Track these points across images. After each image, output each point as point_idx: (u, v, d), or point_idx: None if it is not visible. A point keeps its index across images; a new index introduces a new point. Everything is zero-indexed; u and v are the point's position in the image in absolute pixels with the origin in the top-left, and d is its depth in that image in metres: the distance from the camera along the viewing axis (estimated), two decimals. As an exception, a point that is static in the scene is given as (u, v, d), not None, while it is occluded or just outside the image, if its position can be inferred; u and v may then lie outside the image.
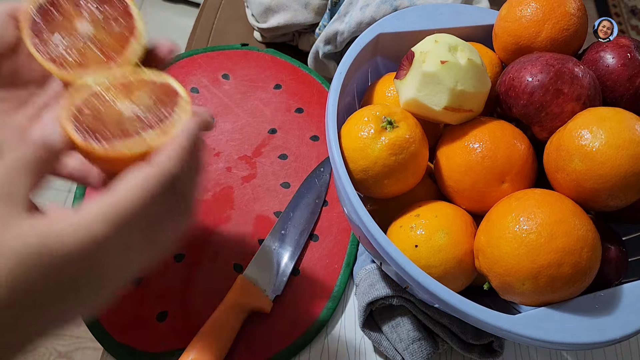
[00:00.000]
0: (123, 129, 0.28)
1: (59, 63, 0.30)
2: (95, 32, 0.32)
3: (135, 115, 0.29)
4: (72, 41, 0.31)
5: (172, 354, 0.41)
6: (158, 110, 0.29)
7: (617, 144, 0.32)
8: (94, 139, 0.27)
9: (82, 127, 0.27)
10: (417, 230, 0.36)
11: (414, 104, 0.38)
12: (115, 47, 0.32)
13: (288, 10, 0.57)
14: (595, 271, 0.33)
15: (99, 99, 0.29)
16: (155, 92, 0.30)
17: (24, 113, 0.29)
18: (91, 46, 0.32)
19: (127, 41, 0.32)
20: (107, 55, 0.32)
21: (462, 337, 0.41)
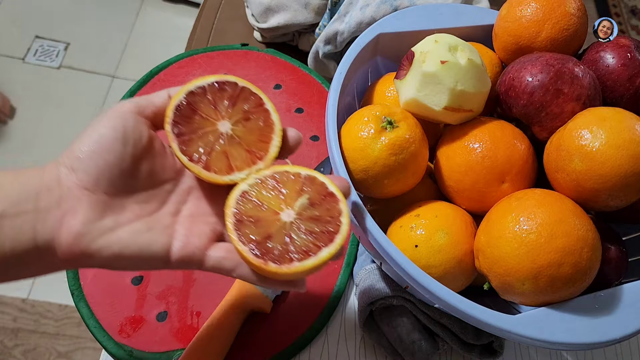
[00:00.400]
0: (291, 242, 0.27)
1: (207, 166, 0.29)
2: (235, 129, 0.31)
3: (298, 224, 0.28)
4: (215, 141, 0.30)
5: (172, 354, 0.41)
6: (320, 219, 0.28)
7: (617, 144, 0.32)
8: (268, 259, 0.26)
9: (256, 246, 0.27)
10: (417, 230, 0.36)
11: (414, 104, 0.38)
12: (257, 143, 0.31)
13: (288, 10, 0.57)
14: (595, 271, 0.33)
15: (257, 206, 0.28)
16: (309, 191, 0.29)
17: (165, 211, 0.29)
18: (234, 145, 0.31)
19: (268, 136, 0.31)
20: (252, 152, 0.31)
21: (462, 337, 0.41)
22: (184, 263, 0.28)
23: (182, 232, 0.28)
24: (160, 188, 0.30)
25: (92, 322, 0.41)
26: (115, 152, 0.27)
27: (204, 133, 0.30)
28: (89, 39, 1.44)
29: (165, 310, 0.43)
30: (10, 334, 1.03)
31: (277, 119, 0.32)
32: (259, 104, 0.32)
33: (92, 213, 0.26)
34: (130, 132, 0.28)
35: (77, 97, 1.35)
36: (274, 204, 0.29)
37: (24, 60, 1.37)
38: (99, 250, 0.26)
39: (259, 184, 0.29)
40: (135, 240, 0.27)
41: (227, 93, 0.31)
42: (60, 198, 0.26)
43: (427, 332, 0.42)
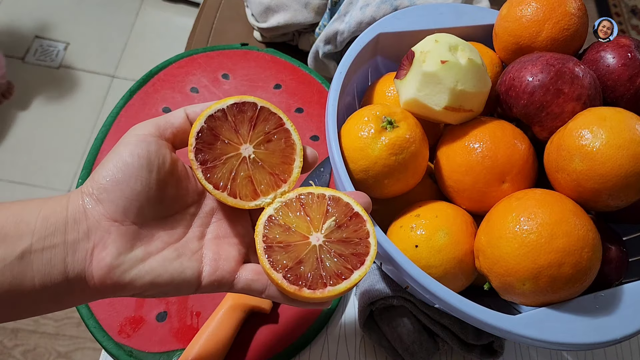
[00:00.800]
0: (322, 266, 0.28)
1: (232, 192, 0.29)
2: (258, 153, 0.31)
3: (328, 247, 0.28)
4: (238, 166, 0.30)
5: (172, 354, 0.41)
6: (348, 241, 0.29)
7: (618, 143, 0.32)
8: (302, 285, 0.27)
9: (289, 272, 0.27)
10: (418, 230, 0.36)
11: (414, 103, 0.38)
12: (280, 165, 0.31)
13: (288, 10, 0.57)
14: (595, 271, 0.32)
15: (285, 231, 0.29)
16: (335, 213, 0.30)
17: (192, 235, 0.29)
18: (258, 169, 0.31)
19: (290, 157, 0.31)
20: (275, 175, 0.31)
21: (462, 337, 0.41)
22: (215, 287, 0.28)
23: (210, 255, 0.28)
24: (185, 212, 0.29)
25: (92, 322, 0.41)
26: (142, 180, 0.26)
27: (228, 159, 0.30)
28: (89, 38, 1.44)
29: (165, 310, 0.43)
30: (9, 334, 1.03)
31: (298, 139, 0.32)
32: (279, 124, 0.32)
33: (122, 244, 0.26)
34: (154, 157, 0.27)
35: (77, 97, 1.35)
36: (302, 227, 0.29)
37: (23, 60, 1.37)
38: (132, 282, 0.25)
39: (284, 208, 0.30)
40: (167, 268, 0.26)
41: (247, 115, 0.31)
42: (89, 230, 0.25)
43: (427, 333, 0.42)
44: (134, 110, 0.54)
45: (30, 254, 0.24)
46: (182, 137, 0.29)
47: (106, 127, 0.52)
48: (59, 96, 1.34)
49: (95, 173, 0.27)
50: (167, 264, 0.26)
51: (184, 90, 0.56)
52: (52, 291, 0.24)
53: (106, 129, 0.51)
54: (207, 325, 0.41)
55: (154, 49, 1.45)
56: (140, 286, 0.26)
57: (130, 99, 0.55)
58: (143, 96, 0.55)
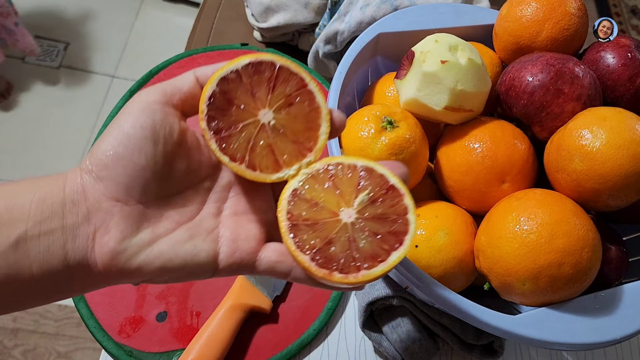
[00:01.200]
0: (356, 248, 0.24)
1: (251, 164, 0.26)
2: (279, 118, 0.27)
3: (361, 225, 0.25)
4: (257, 134, 0.27)
5: (172, 354, 0.41)
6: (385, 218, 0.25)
7: (618, 143, 0.32)
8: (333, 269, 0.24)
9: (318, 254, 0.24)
10: (418, 230, 0.36)
11: (414, 103, 0.38)
12: (304, 132, 0.27)
13: (288, 10, 0.57)
14: (595, 271, 0.32)
15: (312, 207, 0.25)
16: (368, 186, 0.26)
17: (207, 212, 0.26)
18: (279, 137, 0.27)
19: (315, 122, 0.27)
20: (299, 143, 0.27)
21: (462, 337, 0.41)
22: (234, 270, 0.25)
23: (228, 235, 0.25)
24: (198, 187, 0.26)
25: (92, 322, 0.41)
26: (146, 154, 0.23)
27: (245, 126, 0.26)
28: (89, 38, 1.44)
29: (165, 310, 0.43)
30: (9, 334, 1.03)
31: (323, 101, 0.28)
32: (302, 86, 0.27)
33: (127, 227, 0.23)
34: (160, 127, 0.24)
35: (77, 97, 1.35)
36: (331, 202, 0.25)
37: (23, 60, 1.37)
38: (140, 268, 0.23)
39: (311, 180, 0.26)
40: (178, 251, 0.24)
41: (265, 75, 0.27)
42: (89, 212, 0.23)
43: (427, 333, 0.42)
44: (134, 110, 0.54)
45: (25, 241, 0.22)
46: (192, 103, 0.26)
47: (106, 127, 0.52)
48: (59, 96, 1.34)
49: (94, 147, 0.24)
50: (179, 246, 0.24)
51: (184, 90, 0.56)
52: (53, 280, 0.22)
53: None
54: (207, 325, 0.41)
55: (154, 49, 1.45)
56: (149, 272, 0.23)
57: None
58: (143, 96, 0.55)
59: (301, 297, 0.45)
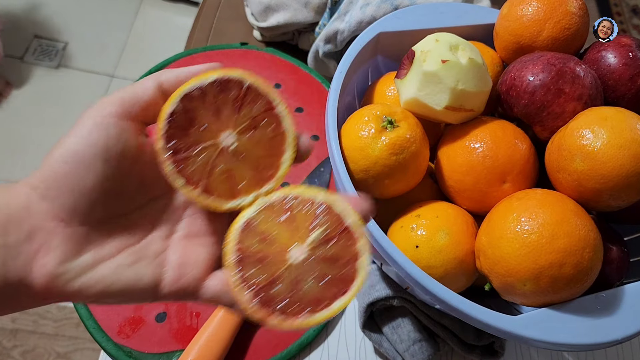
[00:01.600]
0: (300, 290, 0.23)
1: (207, 189, 0.25)
2: (241, 142, 0.26)
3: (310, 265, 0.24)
4: (216, 158, 0.25)
5: (172, 355, 0.41)
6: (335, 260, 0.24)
7: (619, 143, 0.32)
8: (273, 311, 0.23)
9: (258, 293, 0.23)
10: (418, 230, 0.36)
11: (414, 103, 0.37)
12: (266, 158, 0.26)
13: (288, 9, 0.57)
14: (596, 272, 0.32)
15: (263, 240, 0.24)
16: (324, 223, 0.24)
17: (157, 234, 0.25)
18: (240, 162, 0.26)
19: (279, 149, 0.26)
20: (259, 170, 0.26)
21: (463, 338, 0.41)
22: (179, 296, 0.24)
23: (175, 260, 0.24)
24: (152, 206, 0.25)
25: (91, 323, 0.41)
26: (96, 173, 0.22)
27: (204, 148, 0.25)
28: (88, 38, 1.43)
29: (165, 311, 0.43)
30: (9, 334, 1.03)
31: (290, 125, 0.26)
32: (269, 108, 0.26)
33: (69, 249, 0.22)
34: (113, 144, 0.23)
35: (76, 96, 1.34)
36: (282, 238, 0.24)
37: (22, 60, 1.37)
38: (80, 291, 0.22)
39: (266, 211, 0.25)
40: (120, 276, 0.23)
41: (231, 95, 0.26)
42: (31, 231, 0.22)
43: (428, 333, 0.42)
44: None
45: None
46: (154, 112, 0.24)
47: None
48: (57, 96, 1.34)
49: (44, 161, 0.23)
50: (121, 271, 0.23)
51: (184, 89, 0.55)
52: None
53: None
54: (207, 325, 0.40)
55: (154, 49, 1.44)
56: (90, 295, 0.22)
57: (129, 99, 0.54)
58: (142, 96, 0.55)
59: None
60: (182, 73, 0.25)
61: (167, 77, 0.25)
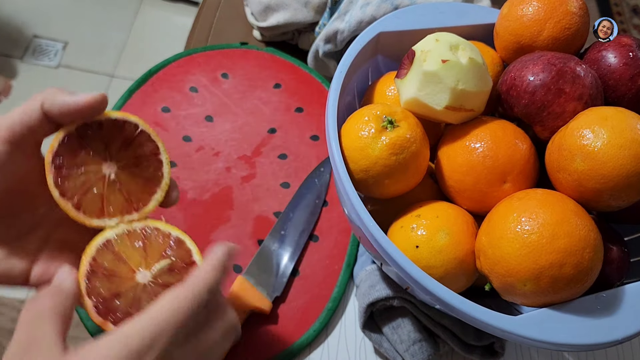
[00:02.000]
0: (139, 308, 0.27)
1: (78, 205, 0.28)
2: (120, 174, 0.30)
3: (151, 288, 0.28)
4: (95, 182, 0.29)
5: (171, 355, 0.41)
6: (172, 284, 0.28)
7: (620, 143, 0.32)
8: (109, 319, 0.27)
9: (101, 303, 0.27)
10: (418, 230, 0.36)
11: (414, 103, 0.37)
12: (138, 193, 0.30)
13: (288, 9, 0.57)
14: (597, 272, 0.32)
15: (116, 260, 0.28)
16: (173, 255, 0.29)
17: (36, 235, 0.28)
18: (114, 190, 0.30)
19: (152, 189, 0.31)
20: (129, 202, 0.30)
21: (463, 338, 0.41)
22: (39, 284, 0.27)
23: (45, 258, 0.28)
24: (35, 212, 0.28)
25: (91, 323, 0.41)
26: None
27: (87, 171, 0.29)
28: (88, 38, 1.43)
29: (164, 311, 0.43)
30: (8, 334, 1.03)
31: (167, 173, 0.31)
32: (154, 153, 0.31)
33: None
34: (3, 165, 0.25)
35: (76, 96, 1.34)
36: (133, 261, 0.28)
37: (22, 60, 1.37)
38: None
39: (125, 236, 0.29)
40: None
41: (124, 134, 0.30)
42: None
43: (428, 333, 0.42)
44: (133, 110, 0.54)
45: None
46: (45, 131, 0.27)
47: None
48: (58, 95, 1.33)
49: None
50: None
51: (183, 89, 0.56)
52: None
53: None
54: (207, 325, 0.40)
55: (153, 48, 1.44)
56: None
57: (129, 99, 0.54)
58: (142, 96, 0.55)
59: (301, 298, 0.45)
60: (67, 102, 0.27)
61: (52, 102, 0.26)
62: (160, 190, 0.31)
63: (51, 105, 0.26)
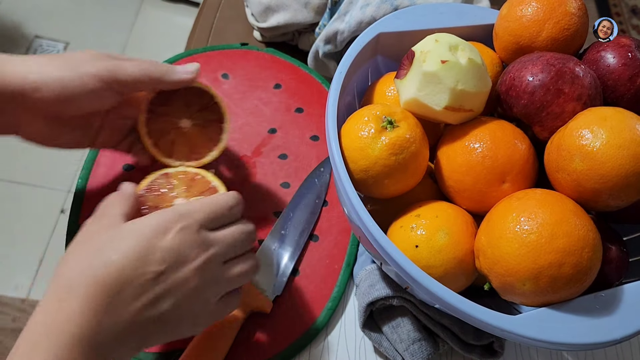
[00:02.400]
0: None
1: (156, 144, 0.40)
2: (191, 130, 0.41)
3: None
4: (173, 129, 0.41)
5: (172, 354, 0.41)
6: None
7: (618, 143, 0.32)
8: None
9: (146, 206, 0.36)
10: (418, 230, 0.36)
11: (414, 103, 0.37)
12: (199, 148, 0.41)
13: (288, 10, 0.57)
14: (596, 271, 0.32)
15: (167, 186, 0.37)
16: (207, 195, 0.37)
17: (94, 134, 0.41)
18: (184, 139, 0.41)
19: (211, 147, 0.41)
20: (192, 152, 0.40)
21: (462, 337, 0.41)
22: None
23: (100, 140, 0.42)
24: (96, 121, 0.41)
25: (92, 323, 0.41)
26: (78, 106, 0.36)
27: (168, 120, 0.40)
28: (89, 38, 1.43)
29: (165, 310, 0.43)
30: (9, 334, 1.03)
31: (226, 138, 0.41)
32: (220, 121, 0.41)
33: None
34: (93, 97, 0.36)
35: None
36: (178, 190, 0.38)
37: (23, 60, 1.37)
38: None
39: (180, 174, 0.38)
40: None
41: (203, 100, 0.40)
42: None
43: (427, 333, 0.42)
44: (133, 110, 0.54)
45: None
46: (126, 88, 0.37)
47: (106, 127, 0.52)
48: (58, 96, 1.34)
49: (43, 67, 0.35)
50: None
51: (184, 90, 0.56)
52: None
53: (106, 129, 0.51)
54: (207, 325, 0.41)
55: (154, 49, 1.45)
56: None
57: (130, 99, 0.55)
58: (143, 96, 0.55)
59: (301, 298, 0.45)
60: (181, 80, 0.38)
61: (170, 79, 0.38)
62: (216, 150, 0.41)
63: (169, 83, 0.38)
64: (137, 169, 0.47)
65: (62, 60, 0.35)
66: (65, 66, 0.35)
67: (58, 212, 1.20)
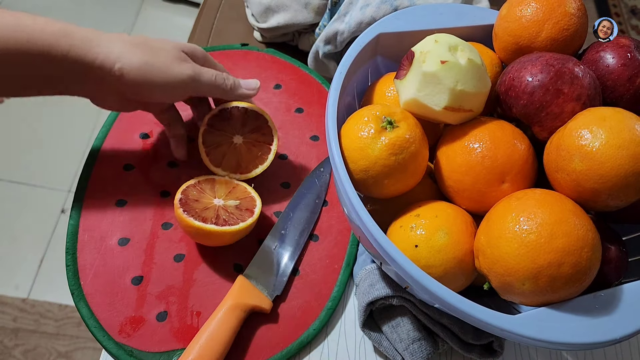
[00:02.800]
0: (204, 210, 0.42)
1: (209, 153, 0.45)
2: (242, 146, 0.46)
3: (218, 209, 0.42)
4: (225, 144, 0.46)
5: (172, 354, 0.41)
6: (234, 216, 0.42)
7: (617, 143, 0.32)
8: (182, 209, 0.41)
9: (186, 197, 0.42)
10: (417, 230, 0.36)
11: (414, 103, 0.38)
12: (246, 164, 0.46)
13: (288, 10, 0.57)
14: (595, 271, 0.33)
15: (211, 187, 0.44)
16: (243, 202, 0.44)
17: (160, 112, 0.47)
18: (234, 154, 0.46)
19: (256, 165, 0.46)
20: (238, 166, 0.46)
21: (462, 337, 0.41)
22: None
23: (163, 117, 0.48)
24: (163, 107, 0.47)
25: (92, 322, 0.41)
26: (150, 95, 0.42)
27: (223, 135, 0.46)
28: (89, 38, 1.43)
29: (165, 310, 0.43)
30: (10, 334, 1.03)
31: (271, 159, 0.47)
32: (269, 143, 0.47)
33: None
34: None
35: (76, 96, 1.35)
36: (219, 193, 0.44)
37: (23, 60, 1.37)
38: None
39: (223, 181, 0.45)
40: None
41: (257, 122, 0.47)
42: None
43: (427, 332, 0.42)
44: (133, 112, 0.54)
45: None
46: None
47: (106, 127, 0.52)
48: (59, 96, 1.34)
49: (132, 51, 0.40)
50: None
51: (184, 90, 0.56)
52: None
53: (106, 129, 0.51)
54: (207, 325, 0.41)
55: (154, 49, 1.44)
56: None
57: (130, 99, 0.55)
58: (143, 96, 0.55)
59: (301, 297, 0.45)
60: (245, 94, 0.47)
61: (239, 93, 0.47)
62: (261, 168, 0.46)
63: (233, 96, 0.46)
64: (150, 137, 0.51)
65: (148, 52, 0.40)
66: (152, 60, 0.39)
67: (58, 212, 1.20)
